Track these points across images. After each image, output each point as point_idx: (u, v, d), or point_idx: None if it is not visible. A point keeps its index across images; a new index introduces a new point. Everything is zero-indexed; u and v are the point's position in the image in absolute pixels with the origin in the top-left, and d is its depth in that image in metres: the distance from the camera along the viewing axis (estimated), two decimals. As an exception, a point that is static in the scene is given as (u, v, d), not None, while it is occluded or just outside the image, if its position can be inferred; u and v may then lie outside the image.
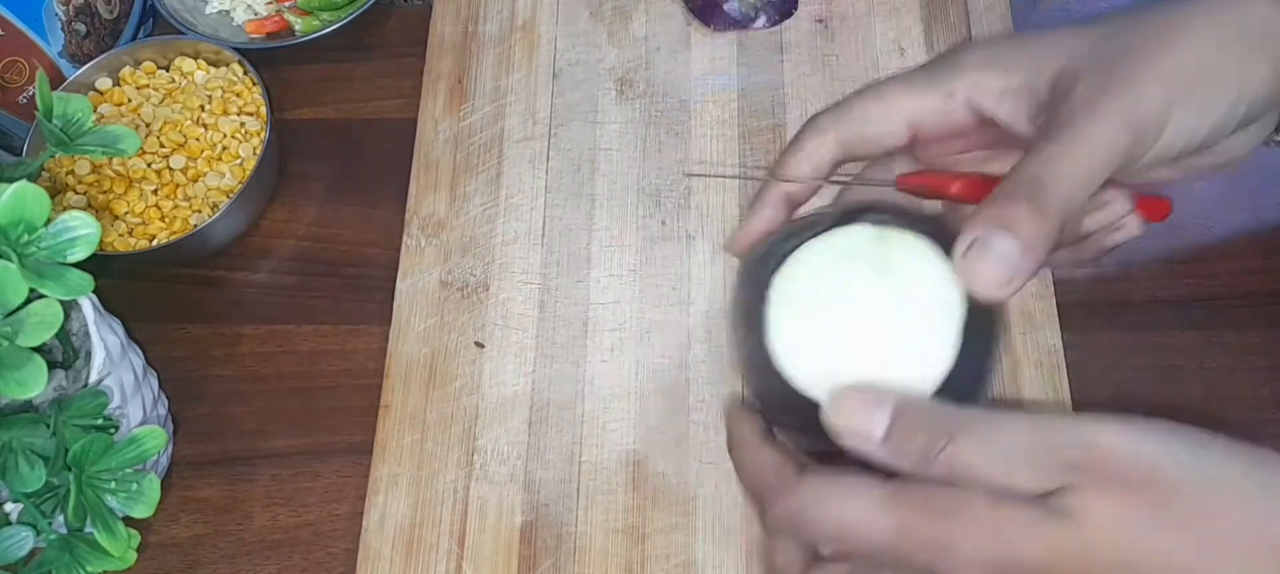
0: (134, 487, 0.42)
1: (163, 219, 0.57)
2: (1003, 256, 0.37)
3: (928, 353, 0.39)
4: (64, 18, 0.60)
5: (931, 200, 0.44)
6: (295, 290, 0.58)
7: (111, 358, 0.45)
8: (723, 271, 0.54)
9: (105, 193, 0.57)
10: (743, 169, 0.57)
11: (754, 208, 0.44)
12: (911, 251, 0.41)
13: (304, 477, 0.53)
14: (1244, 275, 0.54)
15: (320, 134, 0.63)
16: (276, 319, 0.57)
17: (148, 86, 0.60)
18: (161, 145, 0.58)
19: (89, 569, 0.41)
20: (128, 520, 0.42)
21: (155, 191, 0.57)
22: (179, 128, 0.59)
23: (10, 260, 0.35)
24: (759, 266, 0.43)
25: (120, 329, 0.48)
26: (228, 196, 0.57)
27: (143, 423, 0.47)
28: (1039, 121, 0.39)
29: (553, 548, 0.49)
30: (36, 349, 0.36)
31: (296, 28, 0.65)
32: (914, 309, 0.40)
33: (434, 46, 0.63)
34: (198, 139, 0.58)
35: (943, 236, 0.41)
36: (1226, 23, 0.38)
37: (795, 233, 0.44)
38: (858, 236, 0.42)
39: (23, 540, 0.40)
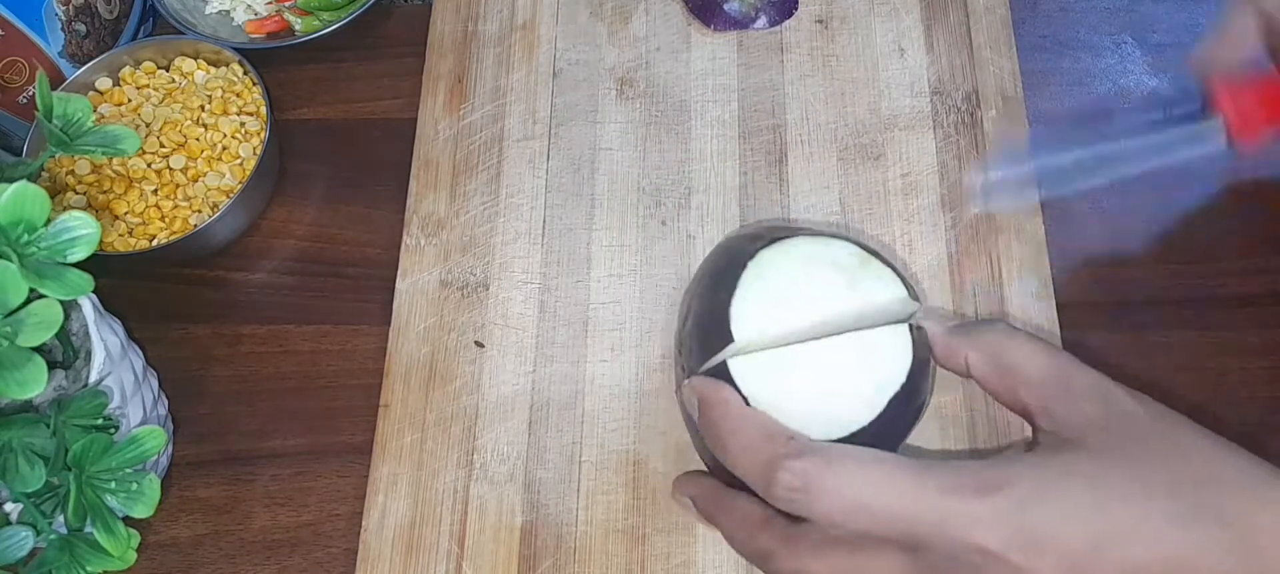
0: (134, 487, 0.42)
1: (163, 219, 0.57)
2: None
3: (852, 402, 0.40)
4: (64, 18, 0.60)
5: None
6: (295, 290, 0.58)
7: (111, 358, 0.45)
8: (723, 272, 0.54)
9: (105, 193, 0.57)
10: (742, 170, 0.57)
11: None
12: (884, 284, 0.42)
13: (304, 477, 0.53)
14: (1244, 275, 0.54)
15: (320, 134, 0.63)
16: (277, 319, 0.57)
17: (148, 86, 0.60)
18: (161, 145, 0.58)
19: (89, 569, 0.41)
20: (128, 520, 0.42)
21: (155, 191, 0.57)
22: (179, 128, 0.59)
23: (10, 260, 0.35)
24: (744, 242, 0.44)
25: (120, 329, 0.48)
26: (228, 196, 0.57)
27: (143, 423, 0.47)
28: None
29: (553, 548, 0.49)
30: (36, 349, 0.36)
31: (296, 28, 0.65)
32: (863, 343, 0.41)
33: (434, 46, 0.63)
34: (198, 139, 0.58)
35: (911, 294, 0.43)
36: None
37: (781, 230, 0.45)
38: (840, 249, 0.43)
39: (23, 540, 0.40)
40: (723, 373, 0.41)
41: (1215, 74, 0.44)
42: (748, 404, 0.40)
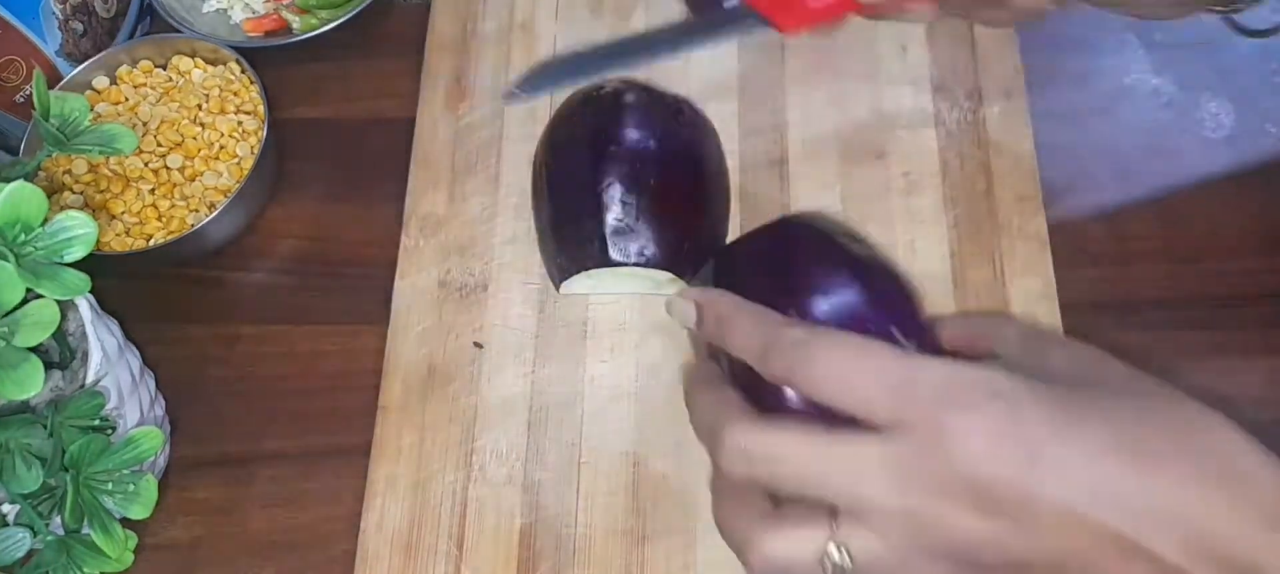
0: (131, 488, 0.41)
1: (160, 218, 0.57)
2: None
3: None
4: (61, 16, 0.60)
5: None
6: (293, 290, 0.58)
7: (108, 358, 0.45)
8: (723, 271, 0.54)
9: (102, 192, 0.57)
10: (742, 170, 0.57)
11: None
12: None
13: (302, 478, 0.53)
14: (1244, 275, 0.54)
15: (318, 133, 0.63)
16: (274, 319, 0.57)
17: (145, 85, 0.60)
18: (159, 144, 0.58)
19: (86, 570, 0.41)
20: (125, 522, 0.41)
21: (152, 191, 0.57)
22: (176, 127, 0.58)
23: (7, 260, 0.35)
24: None
25: (117, 329, 0.48)
26: (225, 196, 0.57)
27: (140, 423, 0.47)
28: None
29: (552, 550, 0.48)
30: (33, 349, 0.35)
31: (294, 26, 0.65)
32: None
33: (433, 45, 0.62)
34: (195, 138, 0.58)
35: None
36: None
37: None
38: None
39: (20, 542, 0.40)
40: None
41: None
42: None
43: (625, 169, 0.50)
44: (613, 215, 0.49)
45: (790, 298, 0.40)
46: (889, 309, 0.39)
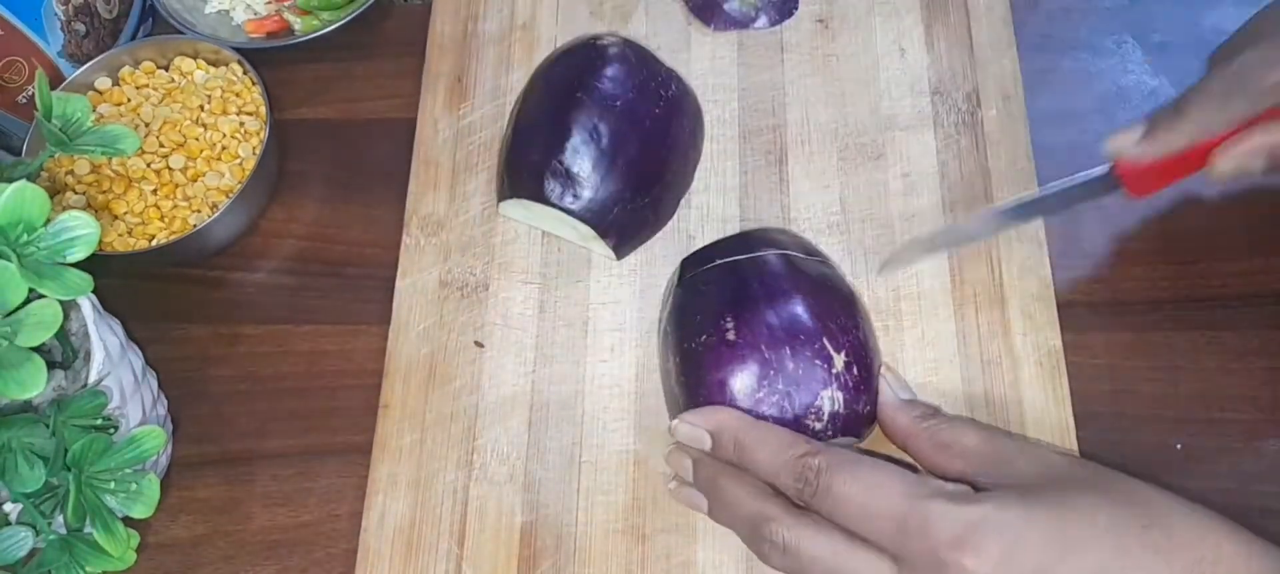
0: (133, 487, 0.42)
1: (162, 219, 0.57)
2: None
3: None
4: (63, 17, 0.60)
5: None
6: (295, 290, 0.58)
7: (111, 358, 0.45)
8: (723, 271, 0.54)
9: (104, 193, 0.57)
10: (743, 171, 0.57)
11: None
12: None
13: (303, 477, 0.53)
14: (1244, 275, 0.54)
15: (320, 134, 0.63)
16: (276, 319, 0.57)
17: (147, 86, 0.60)
18: (161, 145, 0.58)
19: (88, 569, 0.41)
20: (127, 521, 0.42)
21: (154, 191, 0.57)
22: (178, 127, 0.59)
23: (9, 260, 0.35)
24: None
25: (119, 329, 0.48)
26: (227, 196, 0.57)
27: (142, 423, 0.47)
28: None
29: (552, 548, 0.49)
30: (36, 349, 0.36)
31: (296, 27, 0.65)
32: None
33: (433, 46, 0.62)
34: (197, 139, 0.58)
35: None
36: None
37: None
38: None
39: (22, 540, 0.40)
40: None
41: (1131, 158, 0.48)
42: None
43: (585, 117, 0.51)
44: (558, 156, 0.51)
45: (740, 309, 0.46)
46: (824, 325, 0.45)
